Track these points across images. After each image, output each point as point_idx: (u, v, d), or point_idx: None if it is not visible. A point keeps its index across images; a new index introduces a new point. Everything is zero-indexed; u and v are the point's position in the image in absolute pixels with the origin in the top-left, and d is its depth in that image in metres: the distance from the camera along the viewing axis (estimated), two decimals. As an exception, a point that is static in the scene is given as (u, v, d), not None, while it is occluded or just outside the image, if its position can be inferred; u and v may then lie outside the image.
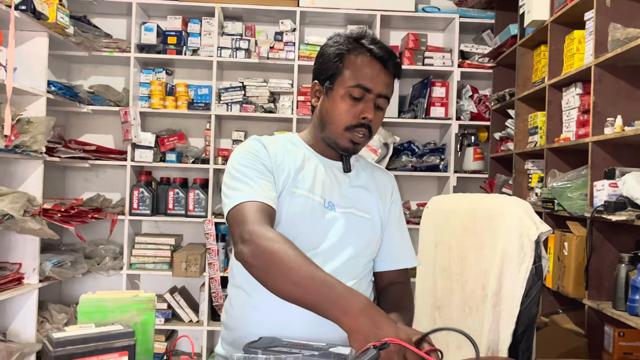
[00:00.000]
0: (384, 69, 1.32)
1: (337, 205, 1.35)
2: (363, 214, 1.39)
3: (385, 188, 1.47)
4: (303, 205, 1.31)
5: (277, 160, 1.34)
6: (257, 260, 1.13)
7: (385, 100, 1.34)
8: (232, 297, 1.39)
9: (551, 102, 2.74)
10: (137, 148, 3.51)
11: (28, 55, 2.91)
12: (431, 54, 3.64)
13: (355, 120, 1.31)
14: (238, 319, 1.34)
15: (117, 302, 1.04)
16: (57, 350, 0.87)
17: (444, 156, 3.69)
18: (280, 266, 1.09)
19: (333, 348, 1.06)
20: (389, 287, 1.46)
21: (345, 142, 1.34)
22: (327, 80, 1.34)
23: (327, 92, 1.35)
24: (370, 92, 1.30)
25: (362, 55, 1.31)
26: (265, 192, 1.25)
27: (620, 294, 2.07)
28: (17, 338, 2.81)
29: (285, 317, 1.25)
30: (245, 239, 1.15)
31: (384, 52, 1.31)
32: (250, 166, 1.29)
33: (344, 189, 1.39)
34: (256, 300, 1.30)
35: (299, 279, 1.06)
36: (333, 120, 1.33)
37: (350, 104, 1.31)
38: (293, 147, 1.40)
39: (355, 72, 1.30)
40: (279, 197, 1.30)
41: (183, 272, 3.39)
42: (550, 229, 1.56)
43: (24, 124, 2.71)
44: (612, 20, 2.20)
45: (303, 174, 1.34)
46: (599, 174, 2.25)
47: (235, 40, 3.55)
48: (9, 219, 2.53)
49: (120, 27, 3.73)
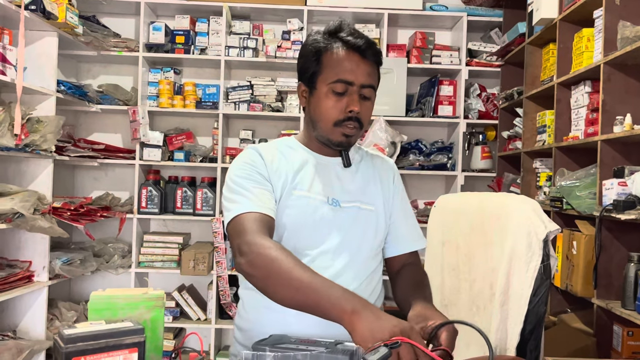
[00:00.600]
0: (362, 59, 1.31)
1: (341, 200, 1.36)
2: (368, 206, 1.39)
3: (387, 175, 1.48)
4: (305, 206, 1.32)
5: (273, 167, 1.35)
6: (256, 270, 1.15)
7: (371, 89, 1.33)
8: (244, 300, 1.40)
9: (560, 100, 2.73)
10: (146, 147, 3.53)
11: (38, 54, 2.93)
12: (439, 52, 3.63)
13: (343, 114, 1.31)
14: (251, 320, 1.35)
15: (127, 299, 1.05)
16: (69, 347, 0.88)
17: (451, 155, 3.68)
18: (279, 274, 1.11)
19: (341, 344, 1.07)
20: (402, 270, 1.47)
21: (337, 137, 1.34)
22: (309, 79, 1.35)
23: (311, 91, 1.36)
24: (352, 84, 1.30)
25: (338, 49, 1.31)
26: (262, 202, 1.26)
27: (629, 293, 2.06)
28: (27, 335, 2.84)
29: (297, 315, 1.26)
30: (243, 250, 1.17)
31: (361, 42, 1.30)
32: (246, 177, 1.31)
33: (346, 183, 1.39)
34: (268, 301, 1.31)
35: (298, 284, 1.08)
36: (321, 118, 1.33)
37: (335, 100, 1.31)
38: (290, 151, 1.41)
39: (335, 68, 1.30)
40: (280, 202, 1.32)
41: (191, 271, 3.40)
42: (558, 227, 1.56)
43: (33, 123, 2.73)
44: (621, 18, 2.19)
45: (301, 176, 1.35)
46: (608, 172, 2.24)
47: (242, 40, 3.56)
48: (19, 217, 2.55)
49: (128, 26, 3.75)
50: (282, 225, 1.31)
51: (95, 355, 0.90)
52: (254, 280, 1.16)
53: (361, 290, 1.33)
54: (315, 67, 1.33)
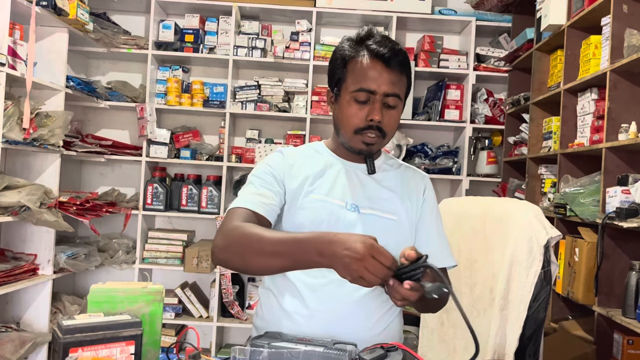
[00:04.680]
0: (386, 68, 1.30)
1: (361, 206, 1.35)
2: (389, 216, 1.37)
3: (416, 187, 1.45)
4: (320, 209, 1.33)
5: (292, 170, 1.37)
6: (229, 252, 1.18)
7: (396, 98, 1.32)
8: (261, 299, 1.42)
9: (566, 107, 2.73)
10: (152, 144, 3.55)
11: (48, 50, 2.96)
12: (447, 56, 3.64)
13: (363, 123, 1.31)
14: (266, 320, 1.36)
15: (126, 292, 1.07)
16: (66, 337, 0.89)
17: (457, 159, 3.68)
18: (251, 245, 1.14)
19: (338, 344, 1.07)
20: None
21: (358, 145, 1.34)
22: (335, 86, 1.36)
23: (336, 98, 1.37)
24: (375, 93, 1.30)
25: (363, 58, 1.31)
26: (260, 199, 1.29)
27: (630, 301, 2.05)
28: (30, 328, 2.86)
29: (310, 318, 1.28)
30: (216, 241, 1.21)
31: (386, 50, 1.29)
32: (259, 176, 1.35)
33: (369, 190, 1.38)
34: (282, 302, 1.33)
35: (270, 248, 1.11)
36: (343, 125, 1.35)
37: (357, 108, 1.31)
38: (315, 154, 1.42)
39: (358, 76, 1.31)
40: (295, 204, 1.33)
41: (194, 268, 3.41)
42: (560, 233, 1.56)
43: (42, 118, 2.76)
44: (629, 26, 2.19)
45: (322, 180, 1.36)
46: (612, 180, 2.23)
47: (251, 40, 3.58)
48: (26, 210, 2.58)
49: (138, 24, 3.78)
50: (298, 226, 1.32)
51: (93, 347, 0.91)
52: (231, 263, 1.19)
53: (376, 296, 1.32)
54: (340, 74, 1.34)
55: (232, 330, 3.76)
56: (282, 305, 1.33)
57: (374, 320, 1.31)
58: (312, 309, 1.28)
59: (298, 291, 1.31)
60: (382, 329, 1.33)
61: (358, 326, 1.28)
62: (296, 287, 1.31)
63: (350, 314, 1.27)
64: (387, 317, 1.34)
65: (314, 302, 1.29)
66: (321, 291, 1.18)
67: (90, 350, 0.91)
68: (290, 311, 1.31)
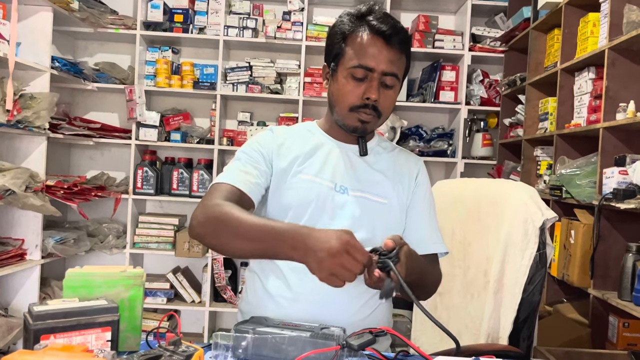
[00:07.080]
0: (386, 45, 1.25)
1: (350, 188, 1.32)
2: (379, 199, 1.33)
3: (409, 172, 1.41)
4: (309, 190, 1.29)
5: (282, 149, 1.33)
6: (206, 228, 1.15)
7: (394, 77, 1.27)
8: (247, 282, 1.40)
9: (563, 87, 2.68)
10: (142, 127, 3.48)
11: (32, 30, 2.88)
12: (442, 36, 3.57)
13: (359, 101, 1.27)
14: (251, 303, 1.34)
15: (104, 277, 1.02)
16: (37, 324, 0.84)
17: (452, 141, 3.63)
18: (228, 226, 1.11)
19: (326, 329, 1.04)
20: None
21: (352, 122, 1.30)
22: (332, 61, 1.32)
23: (332, 73, 1.32)
24: (373, 71, 1.25)
25: (363, 34, 1.27)
26: (246, 177, 1.25)
27: (626, 284, 2.03)
28: (19, 314, 2.82)
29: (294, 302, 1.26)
30: (195, 214, 1.18)
31: (387, 27, 1.25)
32: (248, 153, 1.32)
33: (360, 172, 1.35)
34: (267, 285, 1.30)
35: (246, 232, 1.08)
36: (338, 102, 1.30)
37: (354, 85, 1.27)
38: (308, 134, 1.39)
39: (357, 52, 1.26)
40: (283, 183, 1.30)
41: (186, 253, 3.38)
42: (555, 215, 1.52)
43: (27, 99, 2.69)
44: (628, 2, 2.13)
45: (312, 160, 1.33)
46: (609, 160, 2.19)
47: (242, 19, 3.50)
48: (11, 194, 2.52)
49: (126, 3, 3.68)
50: (285, 206, 1.29)
51: (66, 334, 0.86)
52: (207, 240, 1.16)
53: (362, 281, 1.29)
54: (338, 49, 1.29)
55: (224, 315, 3.73)
56: (267, 288, 1.30)
57: (359, 304, 1.28)
58: (296, 292, 1.26)
59: (282, 274, 1.28)
60: (369, 314, 1.30)
61: (343, 310, 1.25)
62: (281, 270, 1.28)
63: (335, 298, 1.23)
64: (374, 301, 1.31)
65: (298, 285, 1.26)
66: (305, 274, 1.14)
67: (63, 337, 0.86)
68: (274, 294, 1.28)
